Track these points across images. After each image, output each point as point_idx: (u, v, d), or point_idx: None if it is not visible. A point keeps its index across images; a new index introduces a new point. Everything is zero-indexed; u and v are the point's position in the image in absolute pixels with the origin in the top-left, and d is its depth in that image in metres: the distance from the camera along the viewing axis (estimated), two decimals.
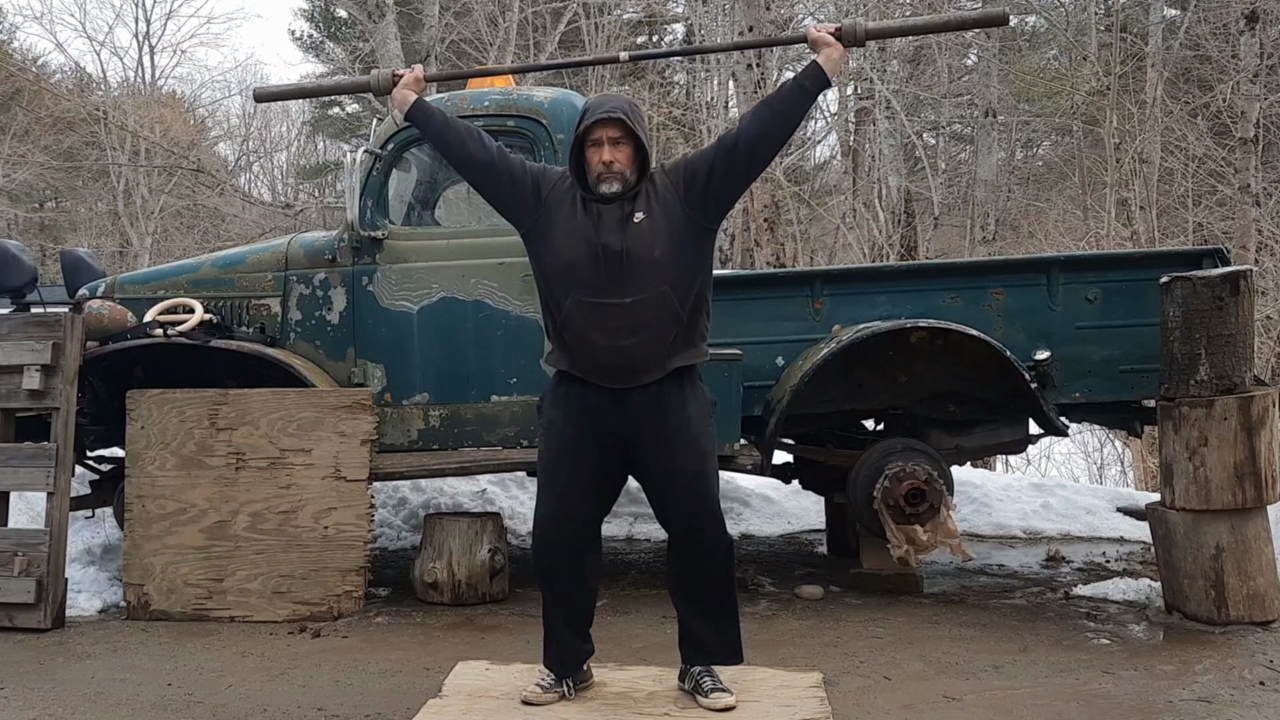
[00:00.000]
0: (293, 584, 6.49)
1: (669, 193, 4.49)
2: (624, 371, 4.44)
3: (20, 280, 7.48)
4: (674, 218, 4.46)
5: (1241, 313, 6.14)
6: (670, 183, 4.52)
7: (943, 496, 6.73)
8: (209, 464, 6.59)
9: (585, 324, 4.44)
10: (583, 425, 4.55)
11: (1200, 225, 18.37)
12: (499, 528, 7.01)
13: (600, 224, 4.42)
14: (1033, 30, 26.90)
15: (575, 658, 4.79)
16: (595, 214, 4.44)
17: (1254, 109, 17.69)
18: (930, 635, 5.99)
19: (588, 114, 4.42)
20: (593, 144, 4.41)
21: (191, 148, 30.30)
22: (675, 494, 4.57)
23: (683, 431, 4.53)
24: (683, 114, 26.04)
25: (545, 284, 4.59)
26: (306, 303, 7.16)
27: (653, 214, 4.43)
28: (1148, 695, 4.95)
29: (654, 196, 4.48)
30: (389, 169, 7.14)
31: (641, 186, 4.48)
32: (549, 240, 4.51)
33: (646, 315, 4.40)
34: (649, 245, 4.39)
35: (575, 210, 4.48)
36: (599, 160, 4.40)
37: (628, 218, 4.42)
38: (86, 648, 5.97)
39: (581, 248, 4.42)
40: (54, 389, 6.49)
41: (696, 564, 4.64)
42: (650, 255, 4.40)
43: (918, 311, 6.95)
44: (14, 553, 6.33)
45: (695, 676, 4.68)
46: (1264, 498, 6.06)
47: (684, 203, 4.48)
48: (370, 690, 5.14)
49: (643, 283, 4.39)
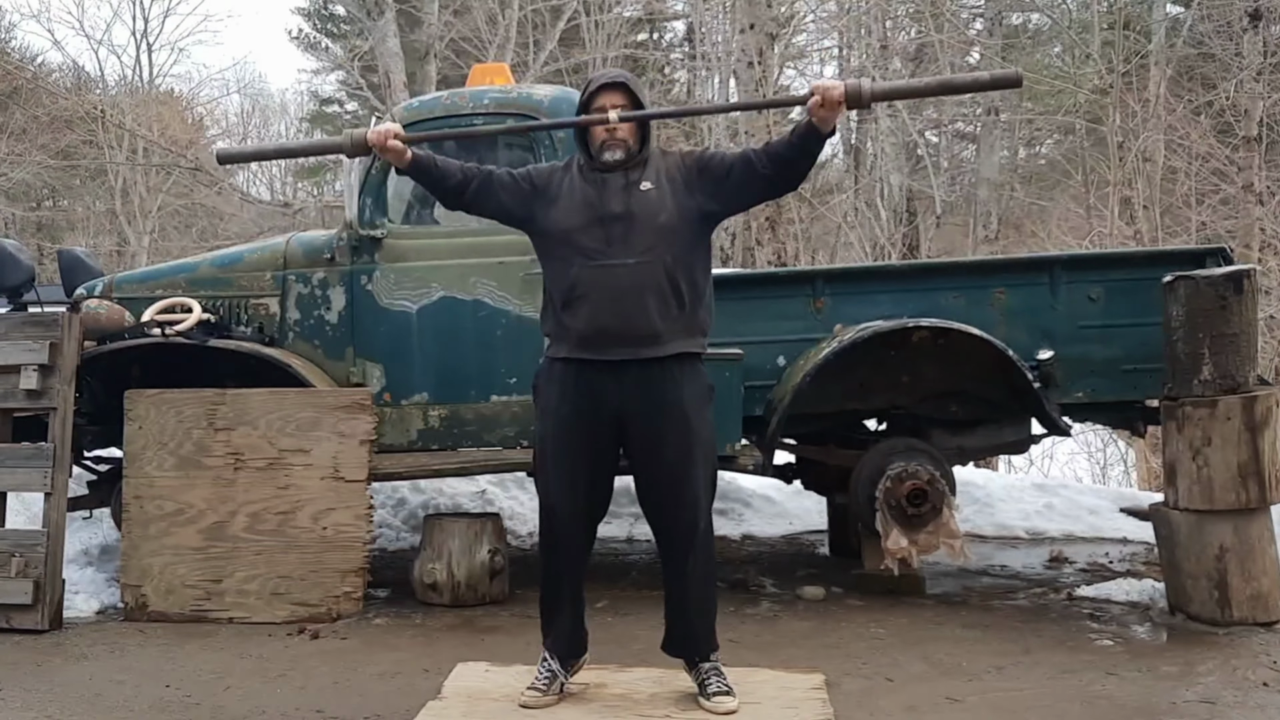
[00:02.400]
0: (291, 585, 6.49)
1: (679, 172, 4.59)
2: (625, 336, 4.47)
3: (17, 279, 7.47)
4: (680, 194, 4.55)
5: (1245, 312, 6.14)
6: (683, 165, 4.62)
7: (945, 497, 6.73)
8: (207, 464, 6.59)
9: (590, 288, 4.49)
10: (579, 403, 4.57)
11: (1204, 224, 18.34)
12: (499, 529, 7.01)
13: (604, 191, 4.53)
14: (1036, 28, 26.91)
15: (578, 641, 4.81)
16: (599, 183, 4.55)
17: (1258, 107, 17.68)
18: (933, 636, 5.99)
19: (590, 85, 4.57)
20: (597, 111, 4.50)
21: (189, 146, 30.24)
22: (656, 472, 4.61)
23: (674, 410, 4.54)
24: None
25: (550, 260, 4.65)
26: (305, 302, 7.16)
27: (661, 185, 4.53)
28: (1151, 696, 4.95)
29: (663, 171, 4.58)
30: (388, 167, 7.12)
31: (646, 156, 4.58)
32: (551, 216, 4.59)
33: (649, 279, 4.46)
34: (654, 211, 4.48)
35: (576, 185, 4.58)
36: (603, 127, 4.47)
37: (634, 184, 4.52)
38: (84, 649, 5.97)
39: (585, 214, 4.51)
40: (51, 389, 6.49)
41: (671, 549, 4.67)
42: (655, 220, 4.48)
43: (920, 311, 6.95)
44: (11, 553, 6.33)
45: (703, 673, 4.68)
46: (1268, 498, 6.05)
47: (693, 187, 4.56)
48: (369, 692, 5.14)
49: (646, 246, 4.46)
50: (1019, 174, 26.11)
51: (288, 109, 43.89)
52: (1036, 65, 24.74)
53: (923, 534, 6.73)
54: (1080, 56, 21.85)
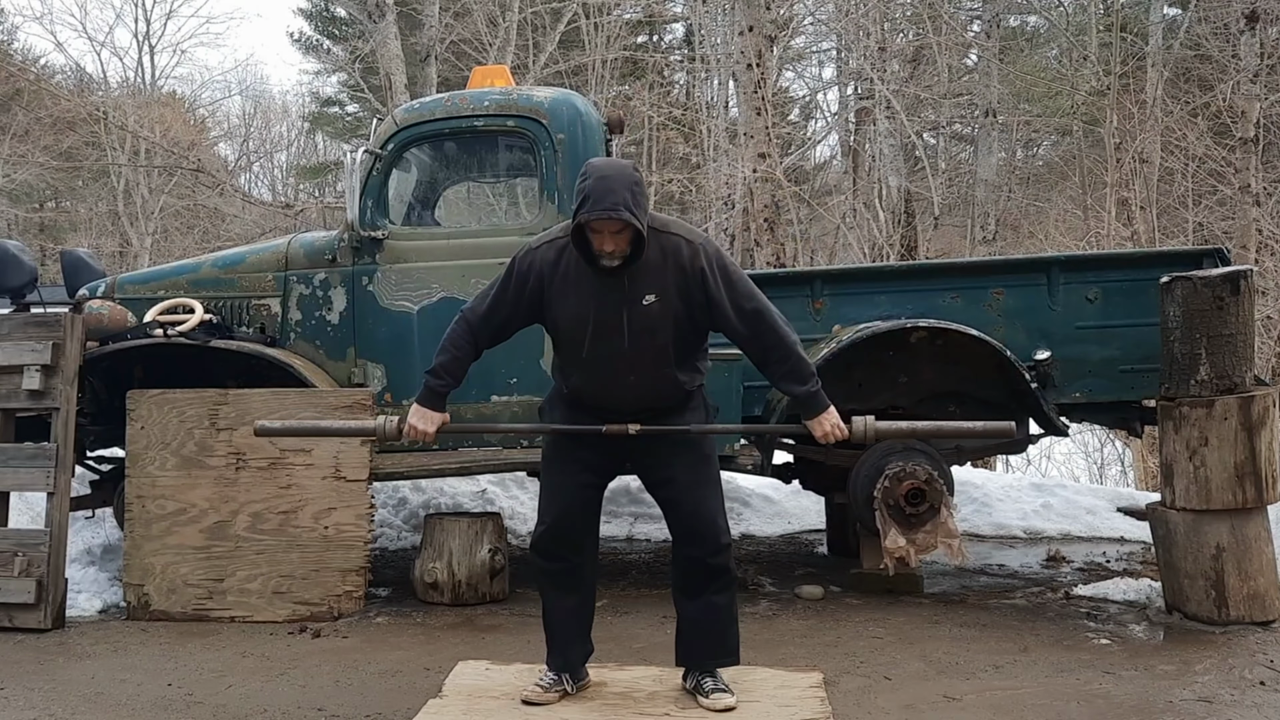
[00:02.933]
0: (293, 584, 6.49)
1: (683, 281, 4.41)
2: (627, 410, 4.49)
3: (20, 280, 7.47)
4: (680, 315, 4.46)
5: (1242, 312, 6.14)
6: (689, 276, 4.41)
7: (943, 496, 6.74)
8: (209, 464, 6.59)
9: (591, 379, 4.51)
10: (584, 422, 4.57)
11: (1200, 225, 18.38)
12: (499, 528, 7.01)
13: (604, 295, 4.40)
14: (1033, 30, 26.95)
15: (579, 656, 4.79)
16: (598, 283, 4.41)
17: (1254, 109, 17.71)
18: (930, 635, 5.99)
19: (588, 202, 4.27)
20: (593, 230, 4.33)
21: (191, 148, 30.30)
22: (674, 499, 4.61)
23: (681, 439, 4.57)
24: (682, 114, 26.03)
25: (555, 345, 4.66)
26: (307, 303, 7.17)
27: (664, 297, 4.41)
28: (1148, 695, 4.95)
29: (666, 271, 4.41)
30: (389, 169, 7.14)
31: (647, 255, 4.39)
32: (553, 314, 4.51)
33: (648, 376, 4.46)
34: (654, 328, 4.39)
35: (572, 278, 4.45)
36: (599, 246, 4.34)
37: (635, 297, 4.38)
38: (87, 648, 5.97)
39: (584, 316, 4.42)
40: (54, 389, 6.49)
41: (694, 566, 4.65)
42: (654, 339, 4.42)
43: (918, 311, 6.95)
44: (14, 553, 6.33)
45: (697, 677, 4.69)
46: (1264, 498, 6.06)
47: (692, 309, 4.45)
48: (370, 690, 5.15)
49: (647, 359, 4.43)
50: (1016, 175, 26.13)
51: (289, 110, 43.95)
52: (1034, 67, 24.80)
53: (921, 533, 6.73)
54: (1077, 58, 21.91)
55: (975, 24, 25.45)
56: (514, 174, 8.00)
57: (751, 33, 14.28)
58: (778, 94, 25.62)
